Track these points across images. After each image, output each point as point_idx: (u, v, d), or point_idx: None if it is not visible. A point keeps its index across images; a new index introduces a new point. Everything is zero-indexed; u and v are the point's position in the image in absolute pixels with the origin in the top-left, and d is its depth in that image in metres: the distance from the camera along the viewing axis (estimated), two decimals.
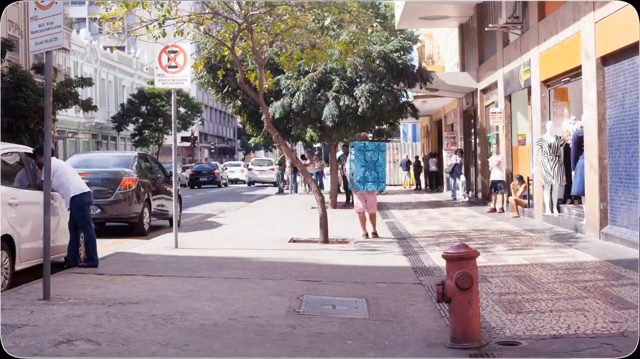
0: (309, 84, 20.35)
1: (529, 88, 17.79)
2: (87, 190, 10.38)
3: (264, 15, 12.75)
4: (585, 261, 10.53)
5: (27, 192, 9.41)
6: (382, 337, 6.38)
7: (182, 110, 51.81)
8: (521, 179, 18.22)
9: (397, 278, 9.63)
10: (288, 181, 35.70)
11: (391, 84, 21.20)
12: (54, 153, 10.43)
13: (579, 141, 14.23)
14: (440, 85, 24.64)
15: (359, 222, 14.23)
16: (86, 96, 39.41)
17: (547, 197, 16.24)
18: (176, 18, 12.32)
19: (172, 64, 12.77)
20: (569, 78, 15.30)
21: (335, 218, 16.47)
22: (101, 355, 5.73)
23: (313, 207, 19.59)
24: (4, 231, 8.61)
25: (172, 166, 13.90)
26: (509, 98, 20.59)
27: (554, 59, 15.61)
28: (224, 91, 22.31)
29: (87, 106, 32.65)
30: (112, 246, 13.26)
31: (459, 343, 5.99)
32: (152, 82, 46.46)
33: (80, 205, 10.21)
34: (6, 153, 9.59)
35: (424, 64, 30.19)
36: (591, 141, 13.24)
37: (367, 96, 20.44)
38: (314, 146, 46.55)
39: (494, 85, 21.94)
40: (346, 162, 16.50)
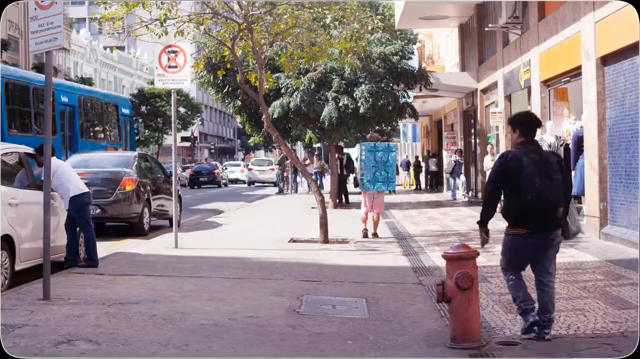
0: (308, 84, 20.34)
1: (529, 88, 17.78)
2: (87, 190, 10.39)
3: (264, 15, 12.75)
4: (585, 261, 10.52)
5: (27, 192, 9.41)
6: (382, 337, 6.39)
7: (182, 110, 51.82)
8: None
9: (397, 278, 9.63)
10: (288, 181, 35.62)
11: (391, 84, 21.19)
12: (54, 153, 10.45)
13: (579, 141, 14.21)
14: (440, 86, 24.62)
15: (361, 220, 14.29)
16: None
17: None
18: (176, 18, 12.32)
19: (172, 64, 12.78)
20: (569, 78, 15.30)
21: (335, 218, 16.47)
22: (101, 355, 5.73)
23: (313, 207, 19.58)
24: (4, 231, 8.61)
25: (172, 166, 13.91)
26: (508, 98, 20.58)
27: (554, 59, 15.61)
28: (224, 90, 22.29)
29: None
30: (112, 246, 13.26)
31: (459, 343, 6.00)
32: (152, 82, 46.49)
33: (80, 205, 10.21)
34: (6, 153, 9.59)
35: (424, 64, 30.20)
36: (591, 141, 13.24)
37: (366, 96, 20.42)
38: (314, 146, 46.49)
39: (494, 85, 21.94)
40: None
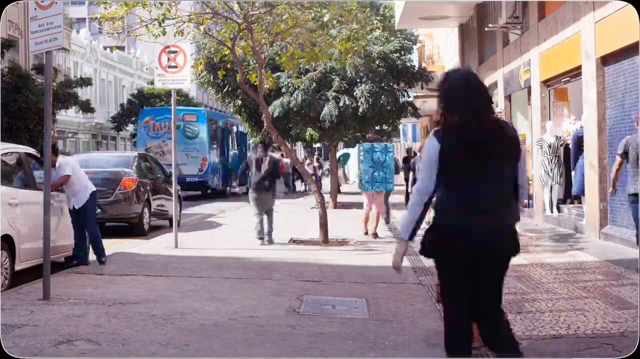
0: (308, 84, 20.34)
1: (528, 88, 17.77)
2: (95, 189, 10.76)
3: (264, 15, 12.75)
4: (585, 261, 10.53)
5: (27, 192, 9.42)
6: (382, 337, 6.38)
7: None
8: None
9: (397, 278, 9.58)
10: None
11: (391, 84, 21.18)
12: (58, 153, 10.61)
13: (578, 141, 14.22)
14: None
15: (362, 221, 14.34)
16: (86, 96, 39.38)
17: (547, 198, 16.23)
18: (176, 18, 12.32)
19: (172, 64, 12.78)
20: (569, 78, 15.29)
21: (335, 218, 16.46)
22: (101, 355, 5.72)
23: (313, 207, 19.57)
24: (4, 231, 8.61)
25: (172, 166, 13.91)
26: (508, 98, 20.57)
27: (553, 59, 15.60)
28: (224, 90, 22.30)
29: (86, 107, 32.63)
30: (112, 246, 13.25)
31: None
32: (152, 82, 46.40)
33: (94, 201, 10.55)
34: (6, 153, 9.60)
35: (424, 64, 30.19)
36: (591, 141, 13.24)
37: (367, 96, 20.42)
38: (314, 146, 46.47)
39: (494, 85, 21.92)
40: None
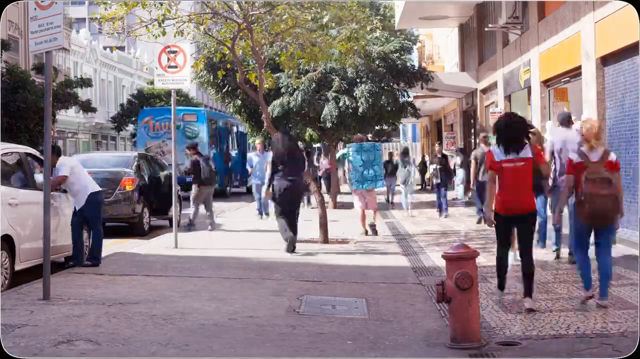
0: (308, 84, 20.33)
1: (528, 88, 17.78)
2: (100, 189, 10.70)
3: (264, 15, 12.75)
4: None
5: (27, 192, 9.41)
6: (382, 337, 6.38)
7: None
8: None
9: (397, 278, 9.63)
10: None
11: (391, 84, 21.17)
12: (60, 153, 10.59)
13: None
14: (440, 86, 24.62)
15: (359, 221, 14.46)
16: (86, 96, 39.35)
17: None
18: (176, 18, 12.32)
19: (172, 64, 12.78)
20: (568, 78, 15.30)
21: (335, 218, 16.47)
22: (101, 355, 5.72)
23: (313, 208, 19.57)
24: (4, 231, 8.61)
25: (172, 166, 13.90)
26: (508, 98, 20.59)
27: (553, 59, 15.60)
28: (224, 90, 22.28)
29: (87, 107, 32.63)
30: (112, 246, 13.25)
31: (459, 343, 6.00)
32: (151, 83, 46.39)
33: (96, 203, 10.47)
34: (6, 153, 9.59)
35: (424, 64, 30.17)
36: None
37: (367, 96, 20.41)
38: (314, 146, 46.45)
39: (494, 85, 21.94)
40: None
